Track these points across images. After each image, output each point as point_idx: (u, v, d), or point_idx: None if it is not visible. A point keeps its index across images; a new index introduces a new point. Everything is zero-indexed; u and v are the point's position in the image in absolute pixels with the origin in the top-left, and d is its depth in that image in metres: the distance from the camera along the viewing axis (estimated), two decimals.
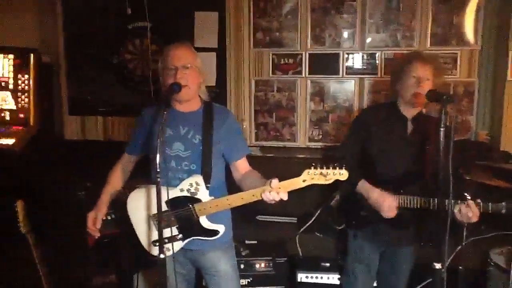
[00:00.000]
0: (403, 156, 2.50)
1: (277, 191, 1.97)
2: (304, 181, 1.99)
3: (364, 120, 2.61)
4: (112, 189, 2.42)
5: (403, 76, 2.47)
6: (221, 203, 2.16)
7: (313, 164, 1.99)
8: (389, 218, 2.40)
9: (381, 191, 2.43)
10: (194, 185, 2.18)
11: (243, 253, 3.21)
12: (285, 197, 1.98)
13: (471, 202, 2.24)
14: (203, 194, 2.19)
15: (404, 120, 2.52)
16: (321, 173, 1.98)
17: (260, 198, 2.03)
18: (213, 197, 2.18)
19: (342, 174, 1.99)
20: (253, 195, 2.07)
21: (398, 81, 2.51)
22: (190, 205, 2.18)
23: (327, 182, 2.01)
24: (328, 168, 1.98)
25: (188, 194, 2.19)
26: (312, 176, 1.99)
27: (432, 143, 2.41)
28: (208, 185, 2.20)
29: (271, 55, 4.28)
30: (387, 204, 2.39)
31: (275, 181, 1.97)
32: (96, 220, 2.31)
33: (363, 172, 2.51)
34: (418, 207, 2.39)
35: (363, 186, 2.48)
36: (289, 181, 2.00)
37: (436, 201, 2.31)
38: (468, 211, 2.23)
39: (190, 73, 2.19)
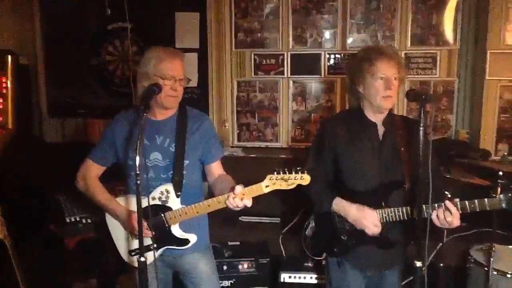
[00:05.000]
0: (379, 165, 2.22)
1: (240, 197, 1.94)
2: (267, 186, 1.94)
3: (328, 134, 2.28)
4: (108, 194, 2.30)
5: (367, 77, 2.17)
6: (189, 211, 2.15)
7: (276, 169, 1.91)
8: (374, 236, 2.15)
9: (359, 206, 2.17)
10: (164, 193, 2.17)
11: (226, 254, 3.19)
12: (249, 204, 1.96)
13: (448, 203, 1.98)
14: (174, 202, 2.17)
15: (374, 126, 2.25)
16: (282, 178, 1.91)
17: (225, 205, 2.01)
18: (184, 205, 2.16)
19: (303, 179, 1.91)
20: (218, 202, 2.06)
21: (359, 83, 2.22)
22: (162, 214, 2.17)
23: (289, 187, 1.93)
24: (290, 172, 1.90)
25: (159, 203, 2.17)
26: (274, 182, 1.92)
27: (409, 144, 2.18)
28: (179, 193, 2.18)
29: (252, 55, 4.28)
30: (369, 219, 2.15)
31: (238, 188, 1.94)
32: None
33: (336, 189, 2.26)
34: (405, 218, 2.12)
35: (339, 204, 2.22)
36: (252, 187, 1.96)
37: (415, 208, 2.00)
38: (447, 215, 1.98)
39: (182, 85, 2.20)
